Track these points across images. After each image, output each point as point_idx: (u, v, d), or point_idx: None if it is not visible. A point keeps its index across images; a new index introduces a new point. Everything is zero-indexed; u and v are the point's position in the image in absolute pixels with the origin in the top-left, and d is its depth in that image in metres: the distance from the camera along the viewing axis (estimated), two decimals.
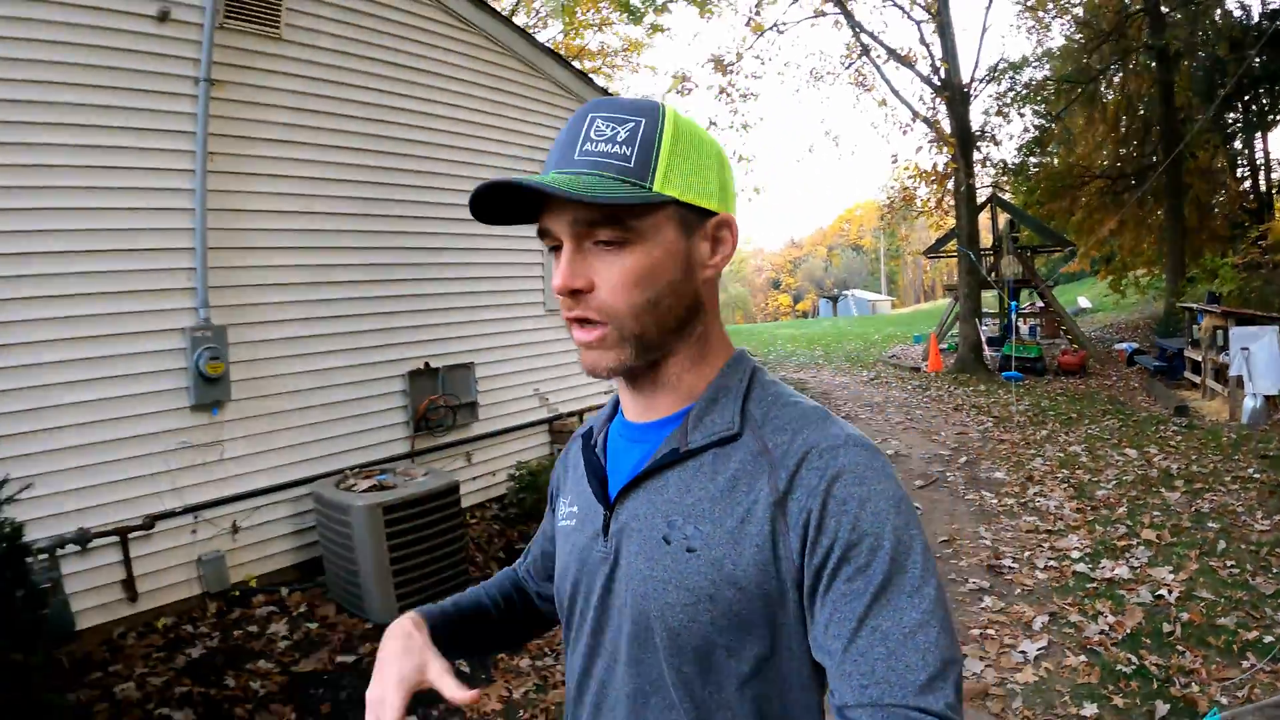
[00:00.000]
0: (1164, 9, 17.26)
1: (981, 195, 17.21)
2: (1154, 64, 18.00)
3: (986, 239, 18.24)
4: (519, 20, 6.79)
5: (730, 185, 1.00)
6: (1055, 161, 21.15)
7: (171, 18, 4.79)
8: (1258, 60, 16.06)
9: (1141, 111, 20.24)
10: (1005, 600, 4.54)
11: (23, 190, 4.24)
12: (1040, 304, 17.83)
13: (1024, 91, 18.94)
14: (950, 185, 16.91)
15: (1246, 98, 18.81)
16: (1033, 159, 20.48)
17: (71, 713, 3.27)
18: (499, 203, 0.94)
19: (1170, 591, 4.50)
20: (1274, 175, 20.44)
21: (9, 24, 4.15)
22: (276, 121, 5.43)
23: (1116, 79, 20.35)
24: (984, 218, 17.75)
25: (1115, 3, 18.17)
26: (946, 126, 16.50)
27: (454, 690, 1.00)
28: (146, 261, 4.71)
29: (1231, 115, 19.34)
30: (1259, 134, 19.81)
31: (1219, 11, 17.93)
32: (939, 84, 16.25)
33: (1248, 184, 20.82)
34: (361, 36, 5.88)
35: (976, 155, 17.07)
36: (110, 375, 4.52)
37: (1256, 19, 17.01)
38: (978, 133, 17.29)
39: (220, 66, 5.04)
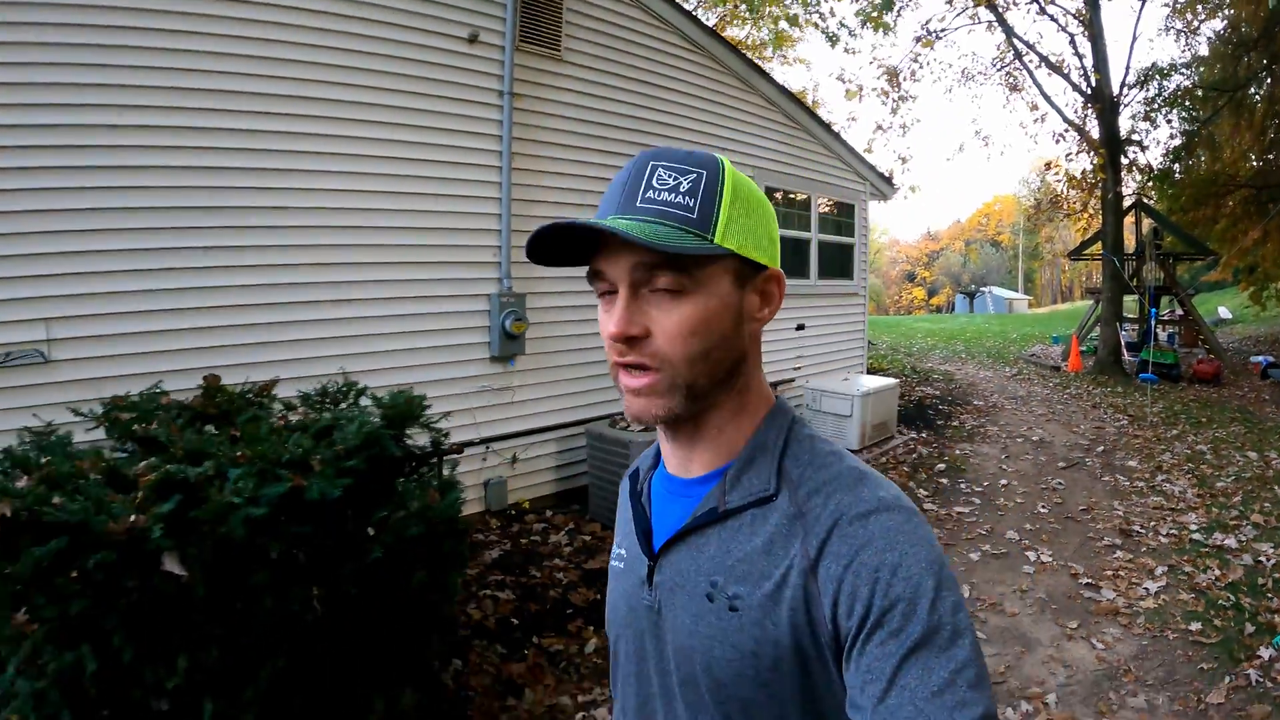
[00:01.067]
0: None
1: (1127, 200, 17.41)
2: None
3: (1131, 243, 18.32)
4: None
5: (777, 240, 1.01)
6: (1201, 168, 20.50)
7: (479, 40, 5.92)
8: None
9: None
10: (1133, 555, 5.70)
11: (372, 176, 5.40)
12: (1179, 312, 17.86)
13: (1171, 96, 18.59)
14: (1097, 191, 17.33)
15: None
16: (1177, 165, 20.01)
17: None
18: (558, 242, 0.96)
19: (1268, 560, 5.55)
20: None
21: (361, 40, 5.29)
22: (557, 129, 6.52)
23: (1266, 84, 19.51)
24: (1127, 221, 17.84)
25: (1264, 8, 17.65)
26: (1095, 134, 16.86)
27: None
28: (464, 239, 5.92)
29: None
30: None
31: None
32: (1089, 93, 16.62)
33: None
34: (619, 58, 7.05)
35: (1123, 160, 17.23)
36: (433, 329, 5.79)
37: None
38: (1125, 138, 17.46)
39: (516, 82, 6.14)
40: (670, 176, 0.93)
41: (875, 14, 14.76)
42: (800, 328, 9.29)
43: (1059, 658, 4.21)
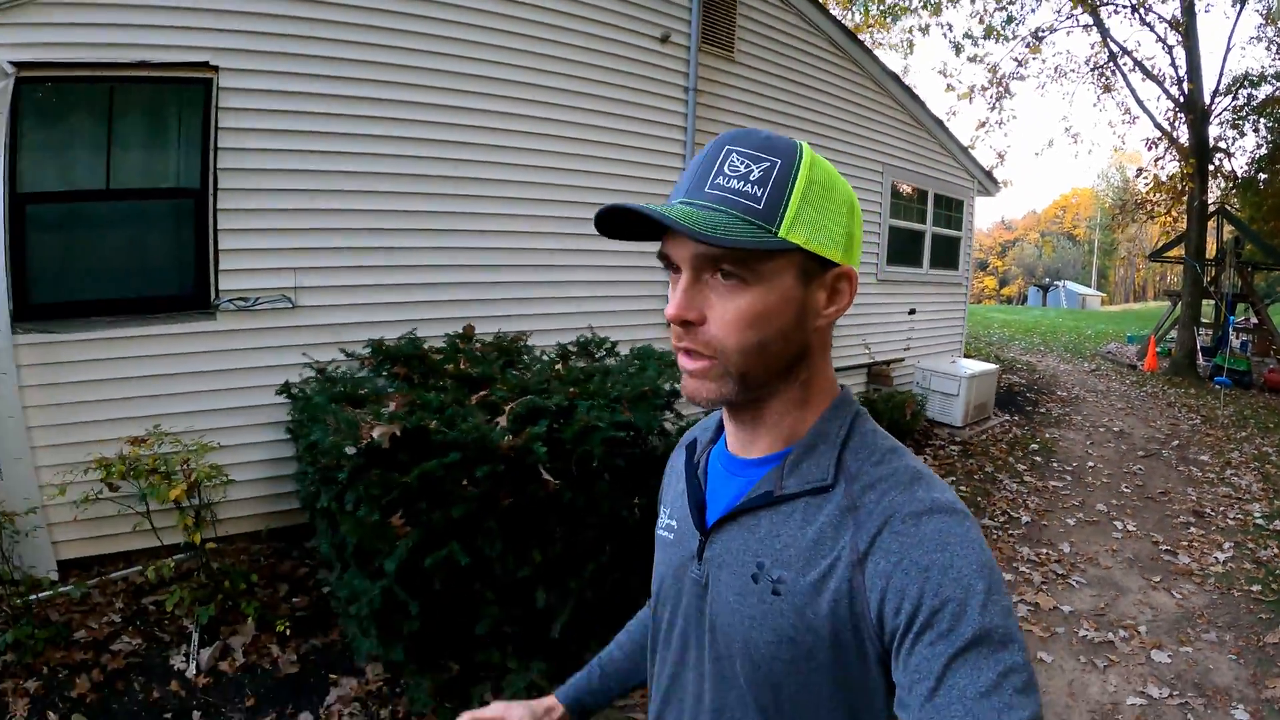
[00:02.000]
0: None
1: (1210, 207, 17.69)
2: None
3: (1212, 248, 18.35)
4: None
5: (857, 235, 0.98)
6: None
7: (670, 40, 6.66)
8: None
9: None
10: (1205, 531, 6.66)
11: (577, 158, 6.12)
12: (1254, 320, 17.88)
13: (1260, 105, 18.49)
14: (1183, 196, 17.62)
15: None
16: (1263, 175, 19.75)
17: None
18: (626, 220, 0.94)
19: None
20: None
21: (578, 36, 6.04)
22: (729, 123, 7.11)
23: None
24: (1209, 226, 17.99)
25: None
26: (1185, 141, 17.19)
27: None
28: None
29: None
30: None
31: None
32: (1182, 101, 16.95)
33: None
34: (778, 59, 7.86)
35: (1209, 167, 17.51)
36: (622, 295, 6.62)
37: None
38: (1213, 146, 17.72)
39: (699, 80, 6.90)
40: (743, 163, 0.91)
41: (999, 27, 15.73)
42: (912, 312, 10.27)
43: (1146, 602, 5.24)
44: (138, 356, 4.66)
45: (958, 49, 16.55)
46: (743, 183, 0.89)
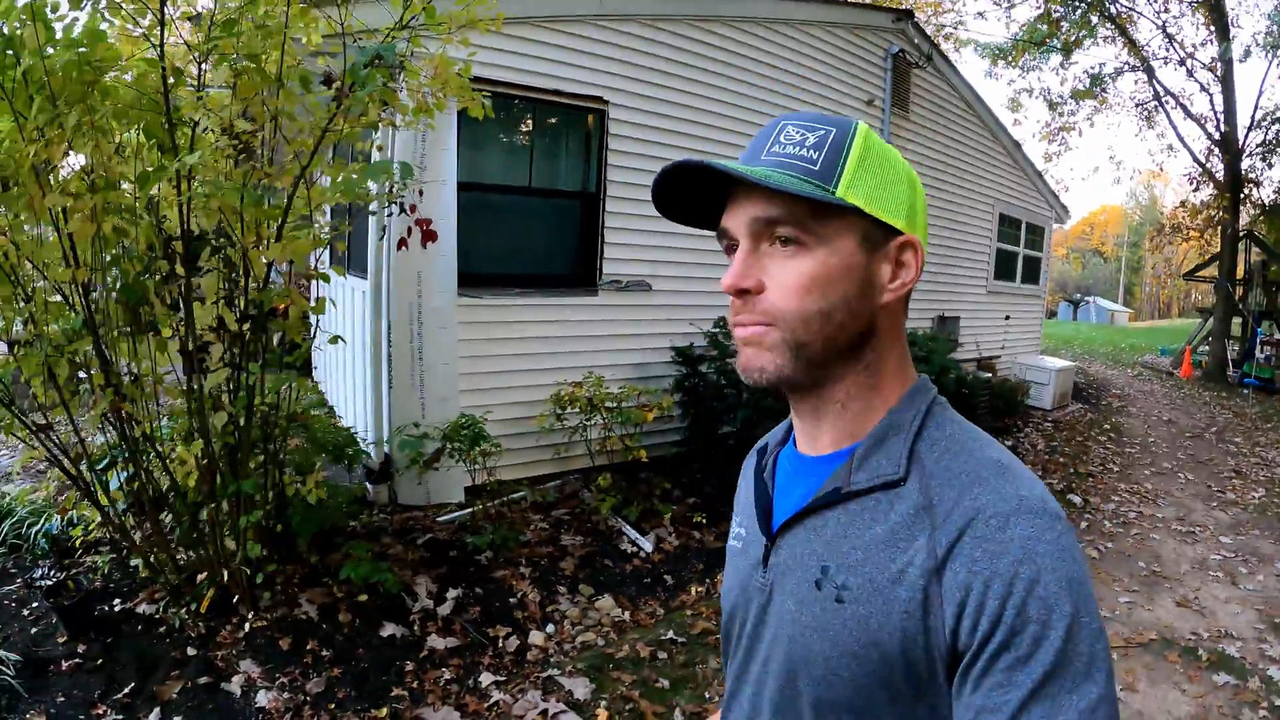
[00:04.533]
0: None
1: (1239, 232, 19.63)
2: None
3: (1241, 269, 20.18)
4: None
5: (921, 211, 0.93)
6: None
7: (873, 103, 8.95)
8: None
9: None
10: (1244, 481, 9.18)
11: None
12: (1278, 335, 19.31)
13: None
14: (1215, 223, 19.93)
15: None
16: None
17: None
18: (683, 196, 0.93)
19: None
20: None
21: (807, 94, 8.68)
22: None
23: None
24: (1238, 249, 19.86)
25: None
26: (1220, 176, 19.48)
27: None
28: None
29: None
30: None
31: None
32: (1219, 140, 19.23)
33: None
34: (934, 116, 10.24)
35: (1240, 195, 19.58)
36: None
37: None
38: (1244, 177, 19.77)
39: (891, 136, 9.21)
40: (798, 132, 0.88)
41: (1087, 90, 18.77)
42: (1007, 318, 12.92)
43: (1210, 515, 7.82)
44: (539, 321, 5.89)
45: (1052, 105, 19.64)
46: (799, 148, 0.87)
